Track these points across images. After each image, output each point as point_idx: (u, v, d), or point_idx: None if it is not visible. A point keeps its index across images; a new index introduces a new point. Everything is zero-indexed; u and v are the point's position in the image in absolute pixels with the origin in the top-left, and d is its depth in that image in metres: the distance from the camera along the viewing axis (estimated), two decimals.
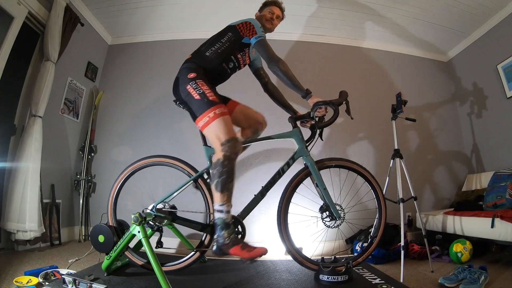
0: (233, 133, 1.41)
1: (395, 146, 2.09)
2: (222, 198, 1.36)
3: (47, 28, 2.29)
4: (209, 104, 1.41)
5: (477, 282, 1.55)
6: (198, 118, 1.43)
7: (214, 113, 1.39)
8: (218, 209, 1.37)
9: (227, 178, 1.35)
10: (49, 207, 2.39)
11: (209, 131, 1.41)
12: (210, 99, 1.42)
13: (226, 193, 1.36)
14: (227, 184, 1.36)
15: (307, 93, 1.52)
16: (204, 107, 1.41)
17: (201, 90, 1.45)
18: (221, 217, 1.36)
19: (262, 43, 1.55)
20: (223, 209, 1.36)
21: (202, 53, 1.61)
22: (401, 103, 2.06)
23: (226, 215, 1.36)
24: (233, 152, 1.36)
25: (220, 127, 1.38)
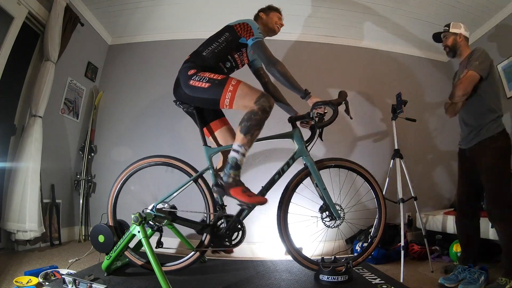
0: (260, 90, 1.44)
1: (395, 146, 2.09)
2: (243, 139, 1.37)
3: (47, 28, 2.29)
4: (222, 82, 1.43)
5: (477, 282, 1.55)
6: (221, 100, 1.43)
7: (231, 85, 1.42)
8: (235, 149, 1.38)
9: (255, 125, 1.37)
10: (49, 207, 2.39)
11: (238, 101, 1.41)
12: (219, 78, 1.45)
13: (249, 137, 1.38)
14: (254, 130, 1.37)
15: (306, 93, 1.53)
16: (220, 87, 1.43)
17: (207, 77, 1.46)
18: (235, 157, 1.37)
19: (259, 45, 1.55)
20: (240, 149, 1.37)
21: (199, 53, 1.61)
22: (401, 103, 2.06)
23: (241, 157, 1.38)
24: (268, 104, 1.39)
25: (246, 90, 1.42)
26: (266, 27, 1.79)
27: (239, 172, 1.39)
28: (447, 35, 1.88)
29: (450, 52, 1.89)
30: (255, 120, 1.37)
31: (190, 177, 1.62)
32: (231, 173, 1.36)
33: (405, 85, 3.10)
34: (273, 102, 1.43)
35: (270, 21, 1.81)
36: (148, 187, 2.39)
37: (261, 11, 1.85)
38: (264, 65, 1.55)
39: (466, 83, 1.67)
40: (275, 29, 1.82)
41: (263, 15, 1.83)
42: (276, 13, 1.84)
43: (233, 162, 1.37)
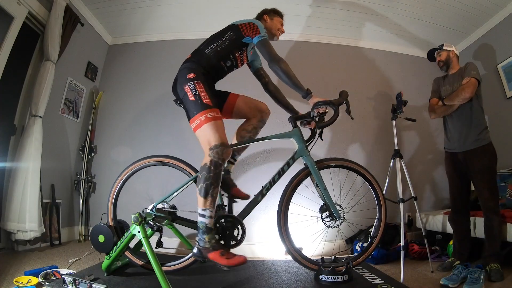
0: (223, 138, 1.40)
1: (395, 146, 2.09)
2: (205, 203, 1.36)
3: (47, 28, 2.28)
4: (202, 107, 1.41)
5: (479, 281, 1.56)
6: (191, 120, 1.44)
7: (205, 116, 1.40)
8: (201, 213, 1.37)
9: (211, 183, 1.35)
10: (49, 207, 2.39)
11: (200, 133, 1.42)
12: (204, 102, 1.42)
13: (210, 199, 1.36)
14: (212, 189, 1.36)
15: (307, 93, 1.53)
16: (197, 109, 1.42)
17: (197, 91, 1.45)
18: (203, 221, 1.37)
19: (264, 43, 1.56)
20: (205, 213, 1.36)
21: (201, 51, 1.61)
22: (401, 103, 2.06)
23: (209, 220, 1.37)
24: (220, 158, 1.37)
25: (210, 131, 1.39)
26: (269, 31, 1.79)
27: (213, 234, 1.39)
28: (441, 52, 2.16)
29: (444, 66, 2.16)
30: (210, 178, 1.35)
31: (190, 177, 1.62)
32: (205, 238, 1.36)
33: (405, 85, 3.10)
34: (227, 156, 1.40)
35: (273, 26, 1.82)
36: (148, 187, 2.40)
37: (266, 13, 1.84)
38: (268, 63, 1.55)
39: (472, 88, 1.89)
40: (277, 34, 1.85)
41: (267, 18, 1.83)
42: (279, 19, 1.86)
43: (203, 227, 1.36)
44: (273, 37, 1.84)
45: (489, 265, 1.73)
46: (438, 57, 2.18)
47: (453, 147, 2.05)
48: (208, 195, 1.35)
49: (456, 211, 2.07)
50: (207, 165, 1.36)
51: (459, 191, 2.05)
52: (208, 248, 1.35)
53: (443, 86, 2.17)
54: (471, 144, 1.94)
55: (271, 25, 1.81)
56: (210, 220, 1.37)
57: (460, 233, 2.03)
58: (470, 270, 1.65)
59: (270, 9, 1.86)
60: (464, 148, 1.97)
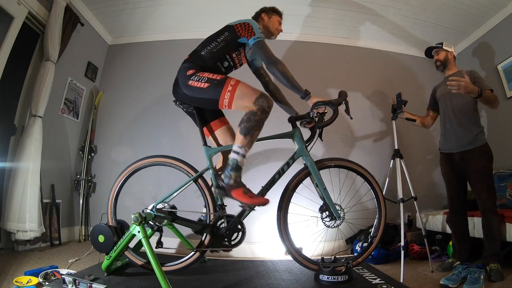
0: (259, 90, 1.43)
1: (395, 146, 2.09)
2: (243, 140, 1.37)
3: (47, 28, 2.28)
4: (221, 82, 1.43)
5: (479, 281, 1.56)
6: (220, 101, 1.42)
7: (230, 85, 1.41)
8: (235, 150, 1.38)
9: (255, 125, 1.37)
10: (49, 207, 2.39)
11: (237, 101, 1.41)
12: (218, 78, 1.44)
13: (249, 138, 1.37)
14: (253, 131, 1.37)
15: (306, 93, 1.53)
16: (219, 87, 1.42)
17: (205, 77, 1.46)
18: (235, 158, 1.37)
19: (260, 44, 1.55)
20: (240, 151, 1.37)
21: (198, 53, 1.61)
22: (401, 103, 2.06)
23: (241, 158, 1.37)
24: (267, 105, 1.38)
25: (245, 91, 1.41)
26: (266, 29, 1.80)
27: (240, 173, 1.39)
28: (440, 51, 2.14)
29: (440, 65, 2.15)
30: (255, 121, 1.36)
31: (190, 177, 1.62)
32: (232, 175, 1.36)
33: (405, 85, 3.10)
34: (272, 102, 1.42)
35: (271, 25, 1.82)
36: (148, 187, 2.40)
37: (264, 12, 1.84)
38: (264, 65, 1.55)
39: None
40: (275, 33, 1.85)
41: (265, 17, 1.83)
42: (277, 17, 1.85)
43: (233, 164, 1.37)
44: (271, 36, 1.84)
45: (489, 265, 1.73)
46: (436, 55, 2.16)
47: (450, 148, 2.05)
48: (249, 134, 1.37)
49: (454, 212, 2.07)
50: (254, 110, 1.37)
51: (457, 191, 2.05)
52: (233, 185, 1.36)
53: (439, 88, 2.21)
54: (468, 145, 1.95)
55: (269, 24, 1.81)
56: (242, 159, 1.38)
57: (459, 234, 2.03)
58: (470, 270, 1.65)
59: (268, 8, 1.86)
60: (461, 148, 1.98)
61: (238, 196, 1.34)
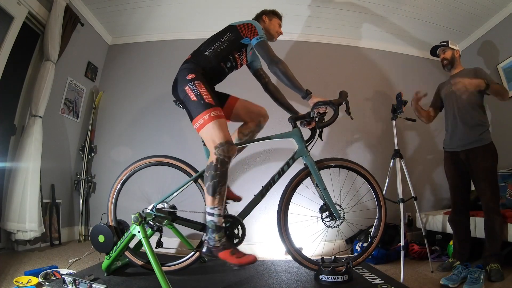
0: (227, 136, 1.40)
1: (395, 146, 2.09)
2: (213, 201, 1.36)
3: (47, 28, 2.28)
4: (205, 106, 1.41)
5: (479, 281, 1.56)
6: (194, 120, 1.44)
7: (209, 115, 1.39)
8: (209, 212, 1.37)
9: (219, 181, 1.35)
10: (49, 207, 2.39)
11: (204, 133, 1.42)
12: (206, 101, 1.42)
13: (218, 197, 1.36)
14: (220, 187, 1.36)
15: (307, 93, 1.52)
16: (200, 109, 1.42)
17: (198, 91, 1.45)
18: (212, 220, 1.37)
19: (262, 44, 1.56)
20: (214, 212, 1.37)
21: (201, 53, 1.61)
22: (401, 103, 2.06)
23: (218, 218, 1.37)
24: (226, 155, 1.36)
25: (214, 130, 1.38)
26: (267, 32, 1.79)
27: (223, 233, 1.39)
28: (446, 49, 2.11)
29: (448, 64, 2.11)
30: (217, 176, 1.35)
31: (190, 177, 1.62)
32: (215, 237, 1.36)
33: (405, 85, 3.10)
34: (233, 153, 1.39)
35: (272, 27, 1.83)
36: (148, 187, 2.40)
37: (265, 14, 1.85)
38: (266, 64, 1.55)
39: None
40: (275, 36, 1.85)
41: (266, 19, 1.83)
42: (278, 20, 1.86)
43: (212, 226, 1.37)
44: (272, 38, 1.84)
45: (489, 265, 1.73)
46: (442, 54, 2.12)
47: (455, 146, 2.03)
48: (216, 193, 1.36)
49: (457, 212, 2.05)
50: (213, 163, 1.36)
51: (460, 191, 2.04)
52: (218, 247, 1.35)
53: (444, 87, 2.18)
54: (474, 143, 1.93)
55: (270, 26, 1.82)
56: (219, 219, 1.38)
57: (461, 234, 2.02)
58: (470, 270, 1.65)
59: (269, 10, 1.87)
60: (467, 146, 1.96)
61: (225, 257, 1.34)
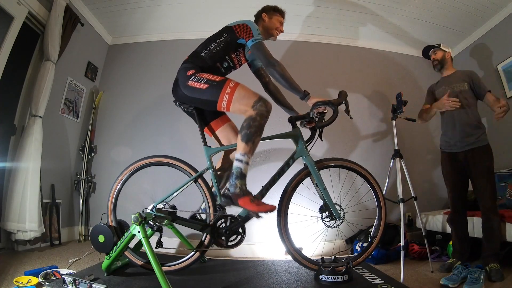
0: (257, 94, 1.43)
1: (395, 146, 2.09)
2: (245, 148, 1.37)
3: (47, 28, 2.28)
4: (220, 84, 1.43)
5: (479, 281, 1.56)
6: (218, 102, 1.43)
7: (229, 87, 1.41)
8: (238, 158, 1.38)
9: (255, 131, 1.37)
10: (49, 207, 2.39)
11: (235, 104, 1.41)
12: (217, 80, 1.45)
13: (251, 145, 1.37)
14: (255, 137, 1.37)
15: (305, 94, 1.52)
16: (217, 89, 1.42)
17: (205, 78, 1.46)
18: (239, 167, 1.37)
19: (258, 46, 1.55)
20: (243, 158, 1.37)
21: (197, 54, 1.61)
22: (401, 103, 2.06)
23: (245, 166, 1.37)
24: (265, 110, 1.39)
25: (244, 94, 1.41)
26: (266, 30, 1.78)
27: (245, 181, 1.39)
28: (437, 51, 2.19)
29: (438, 65, 2.19)
30: (254, 126, 1.37)
31: (190, 177, 1.62)
32: (237, 183, 1.36)
33: (405, 85, 3.10)
34: (270, 107, 1.42)
35: (271, 25, 1.79)
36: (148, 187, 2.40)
37: (264, 12, 1.81)
38: (263, 66, 1.55)
39: None
40: (274, 34, 1.82)
41: (266, 17, 1.80)
42: (279, 17, 1.81)
43: (237, 172, 1.37)
44: (270, 37, 1.82)
45: (489, 265, 1.73)
46: (433, 55, 2.21)
47: (453, 147, 2.05)
48: (250, 141, 1.37)
49: (456, 212, 2.07)
50: (253, 116, 1.38)
51: (459, 191, 2.05)
52: (239, 193, 1.36)
53: (438, 89, 2.21)
54: (473, 144, 1.96)
55: (269, 25, 1.79)
56: (246, 166, 1.38)
57: (460, 234, 2.03)
58: (470, 270, 1.65)
59: (270, 7, 1.83)
60: (465, 148, 1.98)
61: (245, 204, 1.35)
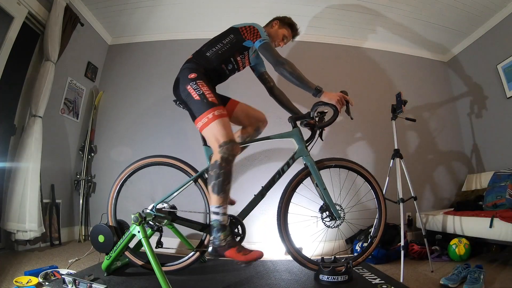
0: (231, 135, 1.40)
1: (395, 146, 2.09)
2: (218, 200, 1.36)
3: (47, 28, 2.28)
4: (208, 105, 1.41)
5: (479, 281, 1.56)
6: (197, 119, 1.44)
7: (213, 114, 1.40)
8: (214, 211, 1.37)
9: (223, 180, 1.35)
10: (49, 207, 2.39)
11: (207, 132, 1.42)
12: (209, 100, 1.43)
13: (223, 196, 1.36)
14: (224, 186, 1.35)
15: (317, 90, 1.49)
16: (203, 108, 1.42)
17: (201, 91, 1.45)
18: (217, 219, 1.36)
19: (266, 46, 1.54)
20: (219, 211, 1.36)
21: (203, 53, 1.61)
22: (401, 103, 2.06)
23: (222, 217, 1.36)
24: (230, 154, 1.36)
25: (218, 129, 1.38)
26: (270, 36, 1.74)
27: (228, 231, 1.38)
28: None
29: None
30: (222, 174, 1.34)
31: (190, 177, 1.62)
32: (220, 236, 1.35)
33: (405, 85, 3.10)
34: (237, 151, 1.39)
35: (275, 35, 1.77)
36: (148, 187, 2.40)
37: (278, 20, 1.81)
38: (272, 66, 1.54)
39: None
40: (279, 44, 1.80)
41: (276, 25, 1.79)
42: (287, 32, 1.80)
43: (217, 225, 1.36)
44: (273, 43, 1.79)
45: None
46: None
47: None
48: (221, 191, 1.35)
49: None
50: (217, 162, 1.36)
51: None
52: (224, 246, 1.35)
53: None
54: None
55: (274, 33, 1.78)
56: (224, 218, 1.37)
57: None
58: (470, 270, 1.65)
59: (287, 20, 1.81)
60: None
61: (232, 256, 1.33)
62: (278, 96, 1.84)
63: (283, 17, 1.83)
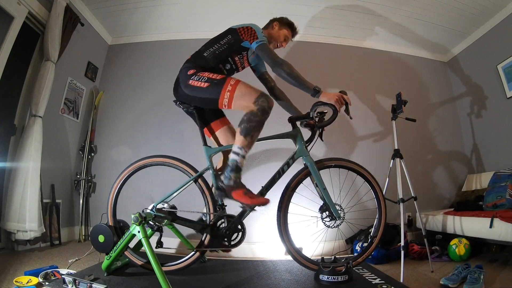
0: (259, 90, 1.42)
1: (395, 146, 2.09)
2: (243, 141, 1.37)
3: (47, 28, 2.29)
4: (221, 81, 1.43)
5: (479, 281, 1.56)
6: (219, 100, 1.43)
7: (230, 84, 1.41)
8: (235, 151, 1.37)
9: (255, 126, 1.37)
10: (49, 207, 2.39)
11: (237, 101, 1.41)
12: (218, 78, 1.45)
13: (249, 139, 1.37)
14: (254, 131, 1.37)
15: (316, 91, 1.50)
16: (218, 87, 1.42)
17: (206, 77, 1.46)
18: (235, 159, 1.37)
19: (263, 47, 1.54)
20: (240, 152, 1.37)
21: (200, 54, 1.62)
22: (401, 103, 2.06)
23: (241, 159, 1.37)
24: (267, 105, 1.38)
25: (245, 90, 1.41)
26: (270, 38, 1.75)
27: (240, 174, 1.39)
28: None
29: None
30: (255, 121, 1.36)
31: (190, 177, 1.62)
32: (231, 176, 1.36)
33: (405, 85, 3.10)
34: (273, 103, 1.42)
35: (276, 36, 1.77)
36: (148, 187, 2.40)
37: (277, 21, 1.81)
38: (270, 67, 1.54)
39: None
40: (275, 46, 1.80)
41: (276, 26, 1.79)
42: (287, 33, 1.80)
43: (233, 165, 1.37)
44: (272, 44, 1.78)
45: None
46: None
47: None
48: (249, 135, 1.36)
49: None
50: (254, 111, 1.37)
51: None
52: (233, 186, 1.35)
53: None
54: None
55: (275, 34, 1.77)
56: (242, 160, 1.38)
57: None
58: (470, 270, 1.65)
59: (286, 20, 1.81)
60: None
61: (238, 197, 1.34)
62: (279, 96, 1.84)
63: (281, 18, 1.83)
